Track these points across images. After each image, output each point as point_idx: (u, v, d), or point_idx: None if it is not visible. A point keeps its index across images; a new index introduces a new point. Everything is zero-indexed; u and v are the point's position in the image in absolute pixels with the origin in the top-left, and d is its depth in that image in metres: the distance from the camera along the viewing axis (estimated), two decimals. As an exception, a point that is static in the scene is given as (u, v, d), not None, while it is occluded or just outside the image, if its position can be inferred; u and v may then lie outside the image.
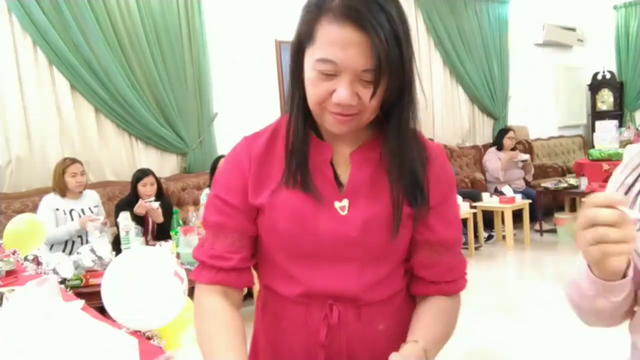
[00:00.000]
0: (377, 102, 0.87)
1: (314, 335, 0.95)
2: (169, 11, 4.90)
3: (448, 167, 1.01)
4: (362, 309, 0.96)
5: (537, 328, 3.67)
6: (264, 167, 0.98)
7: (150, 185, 4.13)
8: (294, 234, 0.93)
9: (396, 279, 0.99)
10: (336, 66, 0.83)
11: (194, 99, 5.09)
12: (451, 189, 1.00)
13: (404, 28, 0.84)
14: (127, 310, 1.43)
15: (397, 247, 0.96)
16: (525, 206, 5.79)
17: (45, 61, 4.32)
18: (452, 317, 1.01)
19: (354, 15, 0.80)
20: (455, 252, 1.01)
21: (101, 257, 3.00)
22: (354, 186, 0.94)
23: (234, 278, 0.98)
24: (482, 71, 7.38)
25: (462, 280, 1.03)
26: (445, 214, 0.98)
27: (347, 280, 0.94)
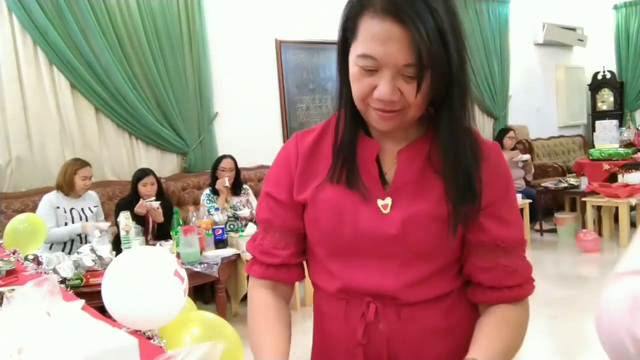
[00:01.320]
0: (421, 98, 0.85)
1: (352, 333, 0.95)
2: (169, 11, 4.90)
3: (504, 165, 0.96)
4: (402, 308, 0.93)
5: (537, 327, 3.67)
6: (311, 163, 0.98)
7: (151, 185, 4.13)
8: (333, 229, 0.94)
9: (443, 281, 0.94)
10: (376, 61, 0.82)
11: (194, 99, 5.09)
12: (507, 187, 0.95)
13: (451, 22, 0.81)
14: (128, 310, 1.42)
15: (443, 248, 0.92)
16: (526, 206, 5.79)
17: (45, 61, 4.32)
18: (518, 328, 0.94)
19: (394, 10, 0.79)
20: (516, 255, 0.95)
21: (101, 257, 3.01)
22: (399, 184, 0.93)
23: (282, 274, 1.01)
24: (482, 71, 7.38)
25: (527, 285, 0.96)
26: (501, 213, 0.93)
27: (386, 278, 0.92)
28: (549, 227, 6.28)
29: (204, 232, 3.82)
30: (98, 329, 1.11)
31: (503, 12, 7.67)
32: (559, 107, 8.71)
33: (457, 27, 0.83)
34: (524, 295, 0.95)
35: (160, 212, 4.09)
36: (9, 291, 1.49)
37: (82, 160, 3.95)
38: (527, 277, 0.97)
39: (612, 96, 8.79)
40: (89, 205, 3.95)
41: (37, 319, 1.05)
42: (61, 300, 1.21)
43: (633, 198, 5.34)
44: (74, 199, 3.87)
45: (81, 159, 3.97)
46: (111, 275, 1.47)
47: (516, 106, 7.90)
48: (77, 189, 3.85)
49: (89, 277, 2.88)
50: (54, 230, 3.70)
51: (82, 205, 3.90)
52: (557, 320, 3.70)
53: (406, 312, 0.93)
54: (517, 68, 7.90)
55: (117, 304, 1.43)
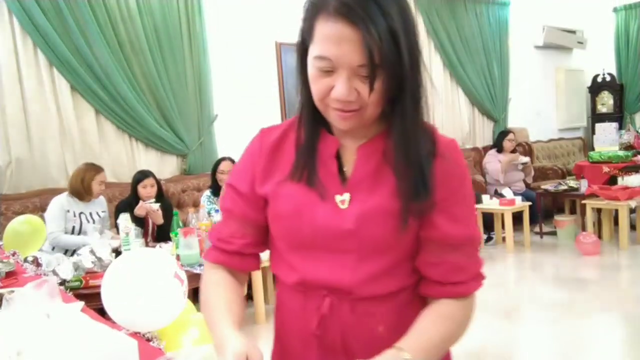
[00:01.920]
0: (377, 97, 0.87)
1: (308, 324, 0.97)
2: (169, 13, 4.90)
3: (460, 162, 0.97)
4: (357, 303, 0.95)
5: (537, 330, 3.67)
6: (274, 159, 1.01)
7: (151, 187, 4.13)
8: (293, 225, 0.96)
9: (398, 276, 0.97)
10: (332, 62, 0.85)
11: (194, 101, 5.09)
12: (462, 185, 0.97)
13: (404, 24, 0.84)
14: (127, 312, 1.43)
15: (398, 242, 0.94)
16: (525, 208, 5.79)
17: (45, 62, 4.32)
18: (457, 323, 0.96)
19: (347, 12, 0.81)
20: (465, 252, 0.96)
21: (101, 259, 3.00)
22: (356, 180, 0.95)
23: (236, 261, 1.04)
24: (482, 73, 7.39)
25: (473, 282, 0.97)
26: (452, 210, 0.94)
27: (341, 272, 0.94)
28: (548, 230, 6.27)
29: (203, 234, 3.82)
30: (97, 331, 1.11)
31: (503, 15, 7.68)
32: (558, 110, 8.72)
33: (410, 28, 0.86)
34: (468, 292, 0.97)
35: (160, 214, 4.09)
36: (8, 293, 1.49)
37: (97, 166, 3.96)
38: (474, 274, 0.98)
39: (612, 99, 8.79)
40: (97, 210, 3.95)
41: (37, 320, 1.05)
42: (60, 302, 1.21)
43: (633, 200, 5.34)
44: (84, 204, 3.87)
45: (95, 164, 3.98)
46: (111, 277, 1.47)
47: (516, 109, 7.90)
48: (94, 195, 3.87)
49: (89, 278, 2.88)
50: (65, 237, 3.70)
51: (90, 210, 3.90)
52: (556, 323, 3.70)
53: (360, 306, 0.95)
54: (517, 70, 7.91)
55: (116, 305, 1.44)
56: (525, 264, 5.37)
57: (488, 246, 5.97)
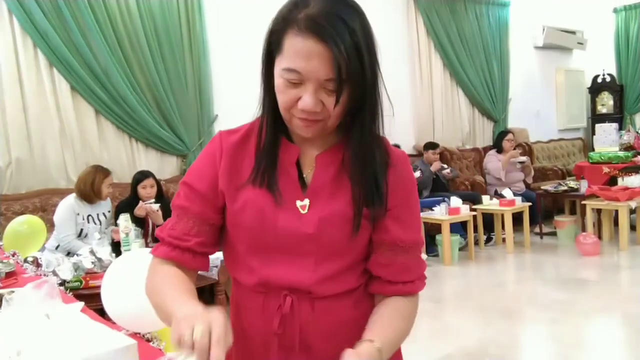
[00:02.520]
0: (340, 109, 0.93)
1: (269, 324, 1.01)
2: (169, 13, 4.90)
3: (409, 172, 1.06)
4: (315, 302, 1.00)
5: (537, 331, 3.67)
6: (234, 162, 1.04)
7: (150, 187, 4.13)
8: (255, 229, 1.00)
9: (353, 276, 1.03)
10: (301, 75, 0.89)
11: (195, 101, 5.09)
12: (410, 193, 1.04)
13: (366, 41, 0.90)
14: (127, 312, 1.42)
15: (353, 246, 1.00)
16: (525, 209, 5.79)
17: (45, 63, 4.32)
18: (408, 319, 1.04)
19: (317, 29, 0.86)
20: (412, 254, 1.04)
21: (101, 259, 3.00)
22: (316, 187, 1.00)
23: (187, 258, 1.04)
24: (482, 74, 7.39)
25: (419, 281, 1.05)
26: (402, 217, 1.02)
27: (302, 273, 0.99)
28: (548, 230, 6.28)
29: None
30: (97, 331, 1.11)
31: (503, 15, 7.69)
32: (558, 110, 8.72)
33: (371, 45, 0.92)
34: (416, 290, 1.05)
35: (160, 215, 4.09)
36: (8, 293, 1.49)
37: (105, 168, 3.97)
38: (420, 274, 1.06)
39: (611, 99, 8.80)
40: (104, 211, 3.96)
41: (36, 321, 1.05)
42: (60, 302, 1.21)
43: (633, 201, 5.34)
44: (91, 206, 3.87)
45: (103, 167, 3.99)
46: (110, 278, 1.47)
47: (516, 109, 7.90)
48: (103, 197, 3.89)
49: (89, 279, 2.88)
50: (78, 243, 3.69)
51: (97, 212, 3.91)
52: (556, 323, 3.70)
53: (320, 304, 1.00)
54: (517, 71, 7.91)
55: (116, 306, 1.44)
56: (525, 265, 5.36)
57: (488, 247, 5.97)
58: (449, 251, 5.34)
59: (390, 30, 6.53)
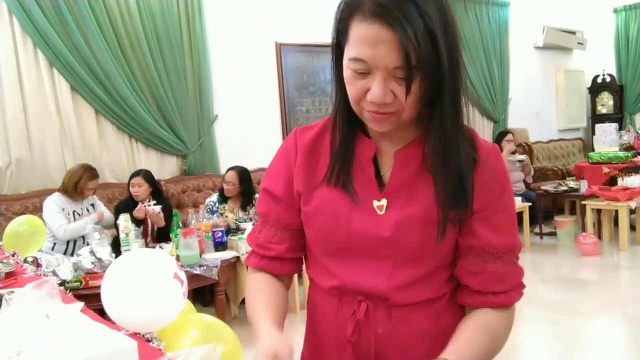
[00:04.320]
0: (414, 100, 0.84)
1: (343, 330, 0.96)
2: (169, 13, 4.90)
3: (501, 169, 0.95)
4: (393, 309, 0.94)
5: (537, 331, 3.67)
6: (310, 160, 0.99)
7: (138, 186, 4.11)
8: (329, 230, 0.95)
9: (436, 283, 0.95)
10: (367, 64, 0.82)
11: (195, 101, 5.09)
12: (502, 192, 0.94)
13: (443, 25, 0.81)
14: (127, 312, 1.42)
15: (436, 251, 0.92)
16: (525, 209, 5.79)
17: (45, 63, 4.32)
18: (499, 334, 0.93)
19: (382, 13, 0.79)
20: (506, 261, 0.93)
21: (101, 259, 3.00)
22: (394, 186, 0.93)
23: (275, 266, 1.03)
24: (482, 74, 7.39)
25: (514, 292, 0.95)
26: (493, 219, 0.92)
27: (378, 278, 0.93)
28: (548, 231, 6.27)
29: (203, 234, 3.82)
30: (97, 332, 1.11)
31: (503, 16, 7.69)
32: (558, 111, 8.72)
33: (450, 29, 0.82)
34: (509, 302, 0.94)
35: (162, 217, 4.08)
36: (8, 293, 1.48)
37: (94, 171, 3.99)
38: (516, 284, 0.96)
39: (611, 99, 8.79)
40: (87, 206, 4.02)
41: (36, 321, 1.05)
42: (60, 302, 1.21)
43: (633, 201, 5.34)
44: (74, 202, 3.93)
45: (92, 168, 4.00)
46: (110, 278, 1.47)
47: (516, 109, 7.90)
48: (84, 196, 3.94)
49: (89, 279, 2.88)
50: (71, 226, 3.79)
51: (81, 207, 3.97)
52: (556, 323, 3.70)
53: (397, 313, 0.94)
54: (517, 71, 7.91)
55: (116, 306, 1.43)
56: (525, 265, 5.31)
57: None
58: (449, 251, 5.34)
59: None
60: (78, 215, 3.90)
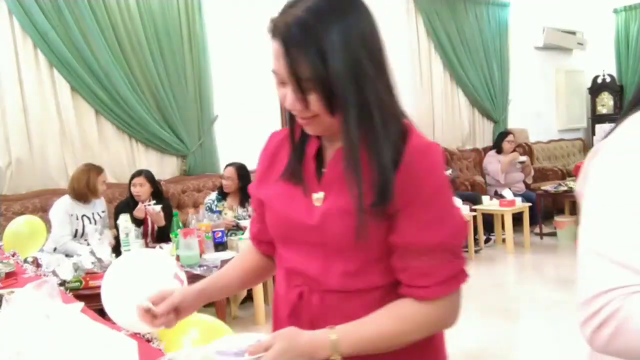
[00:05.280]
0: (320, 107, 0.92)
1: (285, 309, 1.07)
2: (169, 13, 4.90)
3: (428, 168, 0.96)
4: (326, 295, 1.01)
5: (536, 331, 3.67)
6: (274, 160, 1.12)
7: (140, 186, 4.10)
8: (276, 220, 1.09)
9: (369, 275, 1.00)
10: (278, 75, 0.95)
11: (195, 101, 5.09)
12: (428, 191, 0.95)
13: (340, 42, 0.89)
14: (127, 313, 1.42)
15: (364, 244, 0.97)
16: (525, 209, 5.79)
17: (45, 63, 4.32)
18: (410, 323, 0.97)
19: (276, 31, 0.92)
20: (433, 257, 0.95)
21: (101, 259, 3.00)
22: (329, 180, 1.02)
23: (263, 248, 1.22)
24: (482, 74, 7.39)
25: (436, 287, 0.96)
26: (415, 218, 0.95)
27: (312, 264, 1.02)
28: (548, 231, 6.27)
29: (203, 234, 3.82)
30: (97, 332, 1.11)
31: (503, 16, 7.69)
32: (558, 111, 8.72)
33: (352, 46, 0.90)
34: (429, 297, 0.96)
35: (162, 216, 4.07)
36: (8, 293, 1.49)
37: (98, 166, 3.97)
38: (442, 279, 0.96)
39: (612, 100, 8.79)
40: (98, 211, 3.96)
41: (36, 321, 1.05)
42: (60, 302, 1.21)
43: (633, 202, 5.33)
44: (85, 205, 3.86)
45: (95, 164, 3.98)
46: (110, 278, 1.47)
47: (516, 110, 7.90)
48: (99, 195, 3.89)
49: (89, 279, 2.88)
50: (73, 245, 3.69)
51: (92, 211, 3.90)
52: (556, 323, 3.70)
53: (329, 299, 1.01)
54: (517, 71, 7.91)
55: (116, 306, 1.43)
56: (526, 265, 5.36)
57: (488, 247, 5.97)
58: (449, 252, 5.34)
59: (390, 31, 6.53)
60: (87, 220, 3.84)
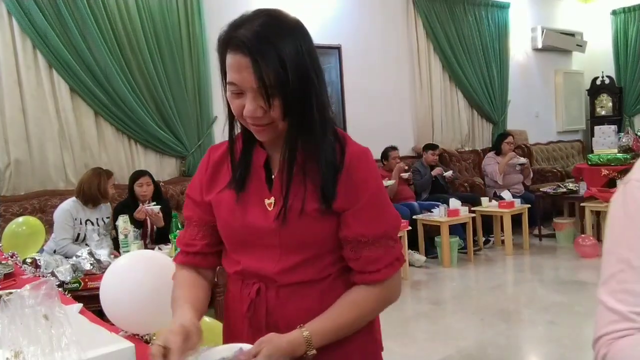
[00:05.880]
0: (278, 114, 1.02)
1: (242, 306, 1.15)
2: (169, 15, 4.91)
3: (365, 170, 1.10)
4: (281, 289, 1.12)
5: (536, 332, 3.67)
6: (217, 172, 1.19)
7: (147, 185, 4.09)
8: (230, 226, 1.15)
9: (319, 266, 1.12)
10: (237, 86, 1.02)
11: (194, 103, 5.10)
12: (370, 190, 1.09)
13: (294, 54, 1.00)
14: (125, 314, 1.43)
15: (315, 239, 1.10)
16: (524, 211, 5.80)
17: (45, 64, 4.32)
18: (364, 307, 1.12)
19: (242, 45, 1.00)
20: (380, 245, 1.10)
21: (100, 261, 3.00)
22: (278, 186, 1.11)
23: (199, 260, 1.22)
24: (481, 76, 7.39)
25: (386, 269, 1.11)
26: (361, 213, 1.08)
27: (268, 264, 1.12)
28: (547, 232, 6.28)
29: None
30: (96, 333, 1.11)
31: (502, 18, 7.70)
32: (557, 112, 8.73)
33: (301, 59, 1.02)
34: (381, 278, 1.11)
35: (161, 217, 4.06)
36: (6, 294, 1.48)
37: (107, 170, 3.99)
38: (389, 262, 1.12)
39: (610, 101, 8.80)
40: (102, 216, 3.91)
41: (35, 322, 1.05)
42: (59, 303, 1.21)
43: (632, 203, 5.33)
44: (90, 210, 3.83)
45: (104, 169, 4.00)
46: (109, 279, 1.47)
47: (515, 111, 7.91)
48: (109, 198, 3.90)
49: (87, 280, 2.87)
50: (74, 248, 3.64)
51: (96, 216, 3.87)
52: (555, 325, 3.70)
53: (284, 292, 1.12)
54: (516, 73, 7.92)
55: (115, 307, 1.44)
56: (524, 267, 5.36)
57: (487, 249, 5.98)
58: (448, 253, 5.35)
59: (389, 33, 6.54)
60: (91, 224, 3.81)
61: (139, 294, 1.41)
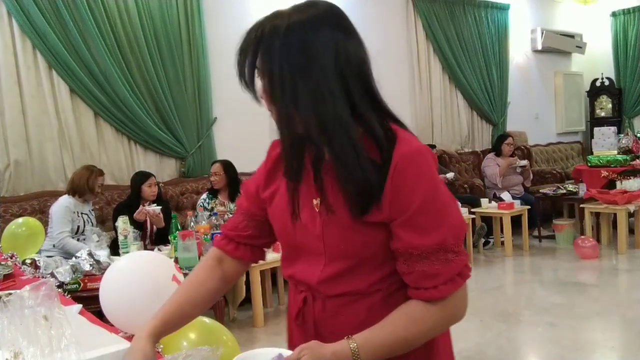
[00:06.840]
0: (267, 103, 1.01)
1: (293, 312, 1.13)
2: (169, 15, 4.91)
3: (414, 173, 0.97)
4: (327, 301, 1.06)
5: (535, 334, 3.67)
6: (276, 167, 1.14)
7: (154, 186, 4.20)
8: (280, 228, 1.11)
9: (363, 278, 1.02)
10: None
11: (193, 104, 5.10)
12: (423, 197, 0.96)
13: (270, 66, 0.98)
14: (125, 315, 1.42)
15: (359, 249, 1.00)
16: (524, 212, 5.80)
17: (44, 65, 4.32)
18: (419, 324, 0.99)
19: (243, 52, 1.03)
20: (434, 259, 0.97)
21: (99, 261, 3.00)
22: (324, 186, 1.02)
23: (231, 248, 1.19)
24: (481, 77, 7.40)
25: (444, 286, 0.98)
26: (414, 222, 0.96)
27: (312, 271, 1.06)
28: (547, 234, 6.28)
29: (202, 237, 3.81)
30: (95, 334, 1.11)
31: (502, 19, 7.70)
32: (557, 114, 8.74)
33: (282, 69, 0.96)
34: (438, 296, 0.98)
35: (162, 218, 4.08)
36: (6, 295, 1.48)
37: (100, 169, 4.08)
38: (448, 277, 0.98)
39: (610, 103, 8.81)
40: (89, 209, 4.05)
41: (34, 323, 1.05)
42: (58, 304, 1.21)
43: (631, 205, 5.34)
44: (81, 204, 3.95)
45: (95, 167, 4.08)
46: (109, 280, 1.47)
47: (515, 112, 7.91)
48: (94, 193, 4.00)
49: (87, 281, 2.87)
50: (72, 242, 3.77)
51: (87, 209, 4.00)
52: (555, 327, 3.70)
53: (330, 304, 1.05)
54: (515, 74, 7.92)
55: (114, 308, 1.43)
56: (524, 268, 5.36)
57: (486, 250, 5.98)
58: (448, 254, 5.34)
59: (389, 34, 6.54)
60: (85, 217, 3.95)
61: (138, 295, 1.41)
